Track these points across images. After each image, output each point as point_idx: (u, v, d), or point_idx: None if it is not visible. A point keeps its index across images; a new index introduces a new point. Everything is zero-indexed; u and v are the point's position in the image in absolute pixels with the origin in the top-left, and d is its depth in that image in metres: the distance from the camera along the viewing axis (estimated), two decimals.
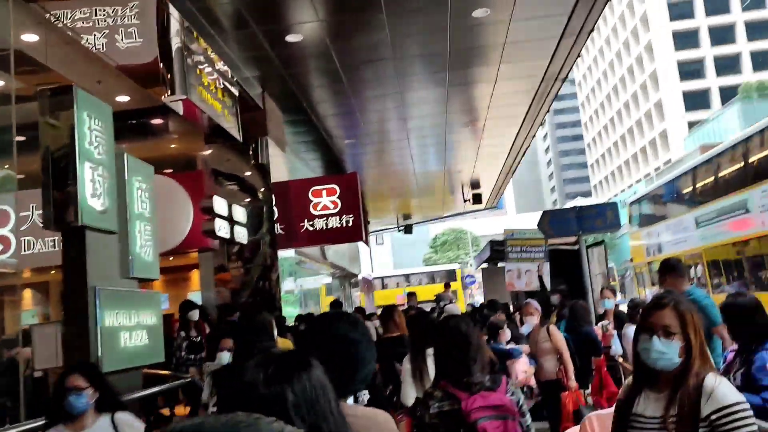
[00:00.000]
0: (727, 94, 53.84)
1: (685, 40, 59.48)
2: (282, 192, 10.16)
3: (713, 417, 2.03)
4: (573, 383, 5.56)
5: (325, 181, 10.48)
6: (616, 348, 6.56)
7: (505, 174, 17.66)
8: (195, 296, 9.58)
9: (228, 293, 9.45)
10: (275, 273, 9.45)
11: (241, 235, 9.42)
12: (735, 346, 3.39)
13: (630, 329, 6.44)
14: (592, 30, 8.74)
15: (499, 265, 13.73)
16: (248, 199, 9.69)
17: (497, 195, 21.39)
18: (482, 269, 13.58)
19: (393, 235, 50.54)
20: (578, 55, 9.71)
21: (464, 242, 63.55)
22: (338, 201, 10.25)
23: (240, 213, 9.40)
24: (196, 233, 8.92)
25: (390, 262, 61.93)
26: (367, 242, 21.46)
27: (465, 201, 19.04)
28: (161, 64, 6.22)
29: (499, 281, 11.90)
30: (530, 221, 11.19)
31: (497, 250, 9.28)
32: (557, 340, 5.70)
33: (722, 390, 2.07)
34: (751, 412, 2.05)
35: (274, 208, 9.90)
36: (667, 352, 2.16)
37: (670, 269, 4.65)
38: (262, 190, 9.72)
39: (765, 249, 11.35)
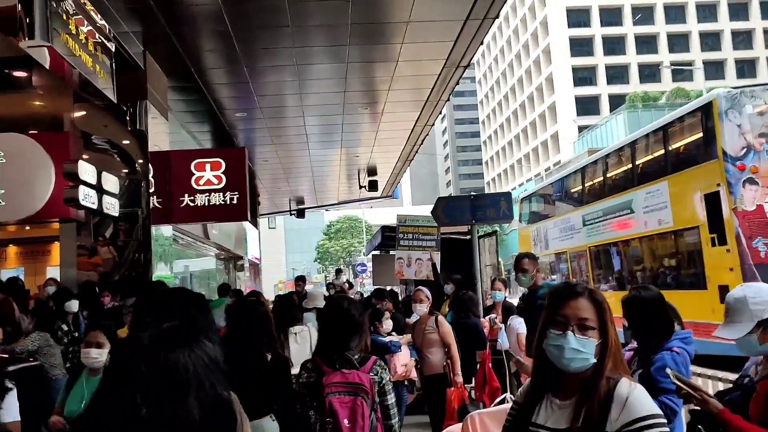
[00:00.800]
0: (616, 101, 56.71)
1: (580, 47, 62.07)
2: (161, 162, 9.32)
3: (625, 430, 1.69)
4: (459, 378, 5.27)
5: (210, 155, 9.72)
6: (503, 341, 6.37)
7: (402, 162, 17.44)
8: (54, 272, 8.59)
9: (94, 271, 8.56)
10: (149, 251, 8.66)
11: (112, 206, 8.52)
12: (633, 344, 3.14)
13: (516, 321, 6.26)
14: (497, 16, 8.54)
15: (390, 252, 13.48)
16: (122, 168, 8.80)
17: (393, 184, 21.20)
18: (372, 256, 13.21)
19: (286, 219, 49.64)
20: (481, 42, 9.51)
21: (358, 230, 63.54)
22: (223, 176, 9.53)
23: (111, 182, 8.49)
24: (57, 201, 7.96)
25: (282, 248, 60.88)
26: (255, 223, 20.63)
27: (361, 187, 18.67)
28: (19, 5, 5.38)
29: (390, 269, 11.59)
30: (425, 213, 10.99)
31: (389, 236, 8.89)
32: (445, 332, 5.39)
33: (637, 398, 1.74)
34: (666, 428, 1.72)
35: (151, 179, 9.07)
36: (583, 350, 1.79)
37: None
38: (139, 159, 8.86)
39: (645, 248, 11.74)
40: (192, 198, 9.49)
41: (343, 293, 10.55)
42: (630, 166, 12.16)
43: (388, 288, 10.34)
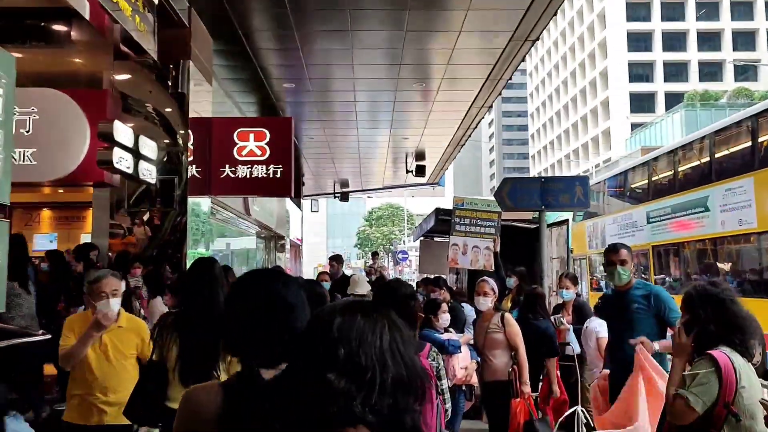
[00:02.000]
0: (673, 100, 54.60)
1: (638, 42, 59.94)
2: (202, 129, 8.72)
3: None
4: (527, 388, 4.51)
5: (255, 123, 9.07)
6: (574, 346, 5.56)
7: (453, 147, 16.61)
8: (87, 239, 8.07)
9: (124, 241, 8.02)
10: (185, 223, 8.08)
11: (149, 172, 7.95)
12: None
13: (596, 323, 5.43)
14: None
15: (436, 239, 12.69)
16: (161, 133, 8.23)
17: (441, 171, 20.39)
18: (420, 242, 12.41)
19: (328, 202, 49.27)
20: (555, 14, 8.64)
21: (400, 218, 62.84)
22: (267, 148, 8.88)
23: (149, 147, 7.91)
24: (92, 163, 7.40)
25: (323, 232, 60.60)
26: (298, 201, 20.04)
27: (408, 172, 17.93)
28: None
29: (438, 257, 10.84)
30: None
31: (443, 220, 8.07)
32: (513, 332, 4.62)
33: None
34: None
35: (190, 147, 8.48)
36: None
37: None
38: (179, 124, 8.27)
39: (720, 250, 10.73)
40: (233, 169, 8.87)
41: (382, 277, 9.87)
42: (707, 159, 11.11)
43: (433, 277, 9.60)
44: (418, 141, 15.66)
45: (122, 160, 7.35)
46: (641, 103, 59.10)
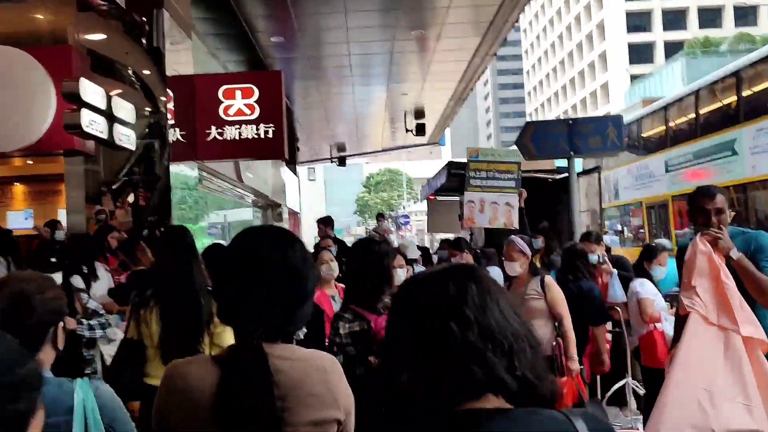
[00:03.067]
0: (673, 49, 53.32)
1: None
2: (183, 88, 7.89)
3: None
4: (575, 365, 3.79)
5: (241, 79, 8.21)
6: (615, 293, 4.82)
7: (455, 102, 15.75)
8: (61, 216, 7.29)
9: (104, 216, 7.26)
10: (168, 192, 7.32)
11: (126, 138, 7.15)
12: None
13: (638, 282, 4.68)
14: None
15: (441, 198, 11.88)
16: (137, 93, 7.40)
17: (442, 129, 19.56)
18: (428, 202, 11.58)
19: (326, 170, 48.29)
20: None
21: (399, 183, 62.02)
22: (256, 106, 8.05)
23: (124, 109, 7.09)
24: (61, 130, 6.59)
25: (321, 200, 59.85)
26: (294, 168, 19.19)
27: (407, 131, 17.08)
28: None
29: (449, 216, 10.09)
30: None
31: (455, 175, 7.20)
32: (556, 299, 3.86)
33: None
34: None
35: (170, 108, 7.66)
36: None
37: None
38: (156, 82, 7.44)
39: (751, 197, 9.97)
40: (220, 131, 8.05)
41: (386, 241, 9.14)
42: (734, 98, 10.27)
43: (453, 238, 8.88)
44: (417, 97, 14.78)
45: (93, 124, 6.54)
46: (640, 53, 57.77)
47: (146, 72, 7.45)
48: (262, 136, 8.08)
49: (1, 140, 6.69)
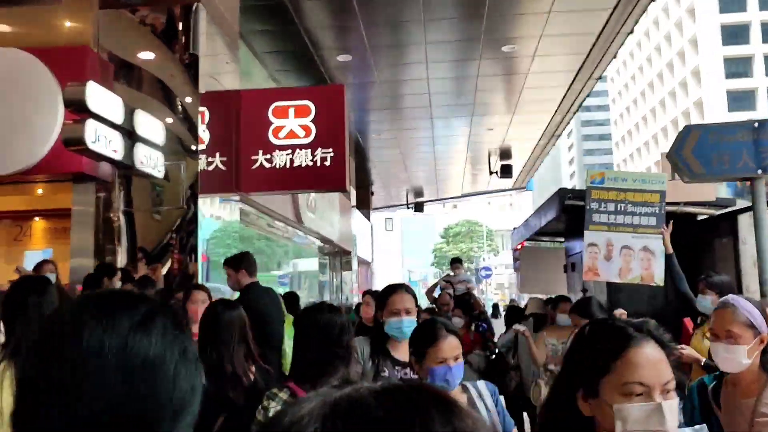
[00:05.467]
0: None
1: (734, 36, 55.22)
2: (225, 105, 6.55)
3: None
4: None
5: (295, 95, 6.78)
6: None
7: (547, 140, 13.95)
8: (60, 260, 5.91)
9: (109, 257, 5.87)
10: (193, 230, 5.90)
11: (151, 161, 5.83)
12: None
13: None
14: None
15: (537, 247, 9.94)
16: (162, 107, 6.09)
17: (529, 172, 17.70)
18: (521, 250, 9.62)
19: (403, 221, 46.86)
20: None
21: (478, 235, 59.85)
22: (312, 126, 6.59)
23: (150, 126, 5.79)
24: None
25: (398, 250, 58.27)
26: (367, 212, 17.64)
27: (491, 173, 15.38)
28: None
29: (547, 269, 8.15)
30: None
31: (570, 209, 5.27)
32: None
33: None
34: None
35: (205, 130, 6.32)
36: None
37: None
38: (186, 94, 6.11)
39: None
40: (268, 157, 6.60)
41: (470, 296, 7.36)
42: None
43: (543, 297, 6.96)
44: (504, 133, 13.10)
45: (101, 138, 5.21)
46: (740, 101, 54.20)
47: (175, 81, 6.15)
48: (319, 163, 6.59)
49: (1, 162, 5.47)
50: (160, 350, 0.84)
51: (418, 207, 19.94)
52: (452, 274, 8.28)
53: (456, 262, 8.47)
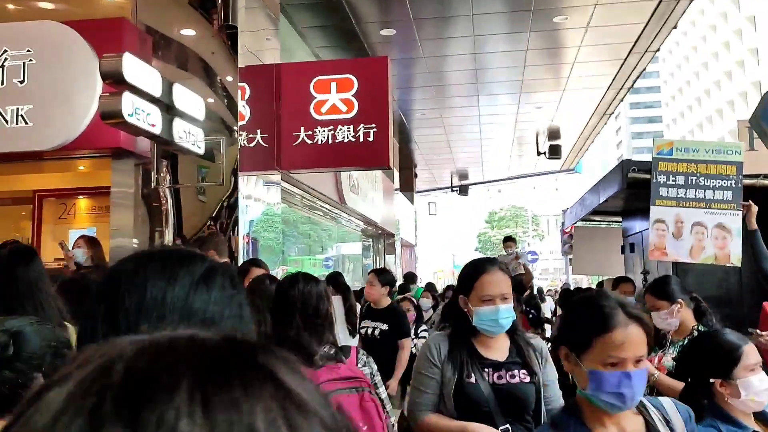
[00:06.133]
0: None
1: None
2: (265, 80, 6.37)
3: None
4: None
5: (337, 69, 6.54)
6: None
7: (598, 118, 13.42)
8: (103, 239, 5.82)
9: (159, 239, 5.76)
10: (235, 208, 5.74)
11: (191, 136, 5.67)
12: None
13: None
14: None
15: (591, 226, 9.49)
16: (202, 83, 5.93)
17: (578, 153, 17.15)
18: (576, 228, 9.19)
19: (446, 203, 46.59)
20: None
21: (523, 220, 59.00)
22: (354, 101, 6.36)
23: (189, 100, 5.63)
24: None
25: (441, 235, 57.85)
26: (410, 195, 17.37)
27: (539, 154, 14.89)
28: None
29: (603, 250, 7.78)
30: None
31: (635, 182, 4.78)
32: None
33: None
34: None
35: (245, 106, 6.14)
36: None
37: None
38: (226, 69, 5.93)
39: None
40: (310, 133, 6.42)
41: (527, 272, 7.09)
42: None
43: (602, 278, 6.60)
44: (553, 111, 12.63)
45: (140, 113, 5.06)
46: None
47: (219, 59, 5.97)
48: (362, 139, 6.37)
49: (37, 136, 5.40)
50: (219, 306, 0.88)
51: (463, 190, 19.54)
52: (504, 253, 7.96)
53: (509, 240, 8.13)
